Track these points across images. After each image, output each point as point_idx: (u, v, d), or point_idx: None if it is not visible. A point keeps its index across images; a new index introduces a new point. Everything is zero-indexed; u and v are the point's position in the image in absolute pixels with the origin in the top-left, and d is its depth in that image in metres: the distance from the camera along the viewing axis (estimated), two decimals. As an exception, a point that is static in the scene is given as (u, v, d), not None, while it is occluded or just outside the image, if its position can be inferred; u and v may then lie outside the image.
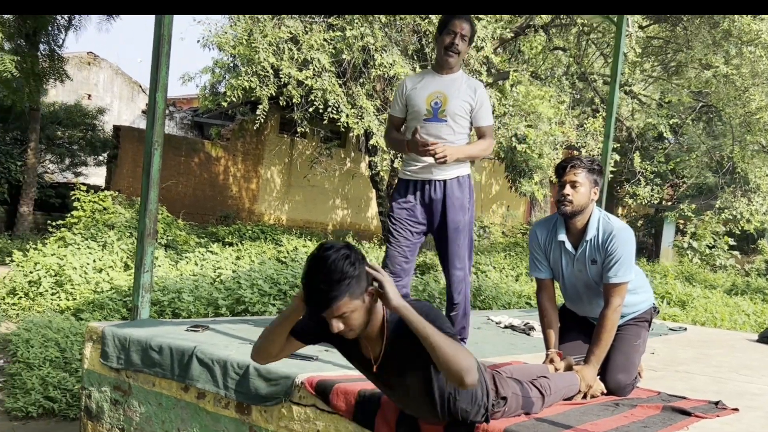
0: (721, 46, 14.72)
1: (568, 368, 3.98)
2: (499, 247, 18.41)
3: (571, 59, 17.73)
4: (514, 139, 14.23)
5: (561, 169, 4.01)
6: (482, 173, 27.87)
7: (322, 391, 3.71)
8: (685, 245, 20.11)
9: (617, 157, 16.51)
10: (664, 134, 17.71)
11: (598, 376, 4.04)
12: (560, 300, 4.52)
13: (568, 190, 3.94)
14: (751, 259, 23.80)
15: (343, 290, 2.68)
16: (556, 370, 3.95)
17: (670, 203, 25.88)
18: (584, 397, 3.87)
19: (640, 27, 16.84)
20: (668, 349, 6.36)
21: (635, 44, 14.06)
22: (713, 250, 19.74)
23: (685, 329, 8.05)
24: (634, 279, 4.09)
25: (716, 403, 3.98)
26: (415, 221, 4.72)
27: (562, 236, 4.06)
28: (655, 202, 21.15)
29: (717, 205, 19.34)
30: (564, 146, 15.86)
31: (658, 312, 4.54)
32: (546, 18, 16.94)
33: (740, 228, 19.24)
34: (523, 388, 3.45)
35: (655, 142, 20.44)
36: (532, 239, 4.23)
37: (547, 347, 4.15)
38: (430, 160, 4.60)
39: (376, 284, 2.79)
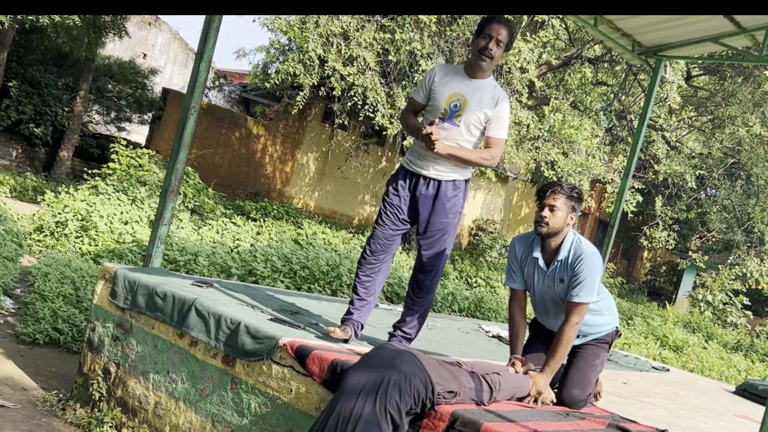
0: (760, 106, 14.89)
1: (526, 374, 4.29)
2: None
3: (612, 96, 17.92)
4: (543, 164, 14.46)
5: (542, 193, 4.32)
6: (514, 194, 28.04)
7: (301, 354, 4.05)
8: (700, 297, 20.22)
9: (640, 198, 16.72)
10: (689, 183, 17.87)
11: (555, 390, 4.36)
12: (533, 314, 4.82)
13: (546, 212, 4.25)
14: (763, 321, 23.78)
15: None
16: (516, 373, 4.26)
17: (697, 254, 25.96)
18: (535, 401, 4.17)
19: (687, 77, 17.01)
20: (642, 383, 6.62)
21: (676, 92, 14.23)
22: (726, 306, 19.82)
23: (668, 370, 8.26)
24: (602, 301, 4.42)
25: (662, 431, 4.25)
26: (403, 210, 4.82)
27: (537, 253, 4.37)
28: (670, 247, 21.26)
29: (729, 260, 19.44)
30: (590, 179, 16.04)
31: (620, 335, 4.83)
32: (597, 51, 17.17)
33: (747, 286, 19.31)
34: (476, 382, 3.79)
35: (683, 192, 20.56)
36: (511, 252, 4.54)
37: (512, 352, 4.47)
38: (433, 155, 4.65)
39: None
